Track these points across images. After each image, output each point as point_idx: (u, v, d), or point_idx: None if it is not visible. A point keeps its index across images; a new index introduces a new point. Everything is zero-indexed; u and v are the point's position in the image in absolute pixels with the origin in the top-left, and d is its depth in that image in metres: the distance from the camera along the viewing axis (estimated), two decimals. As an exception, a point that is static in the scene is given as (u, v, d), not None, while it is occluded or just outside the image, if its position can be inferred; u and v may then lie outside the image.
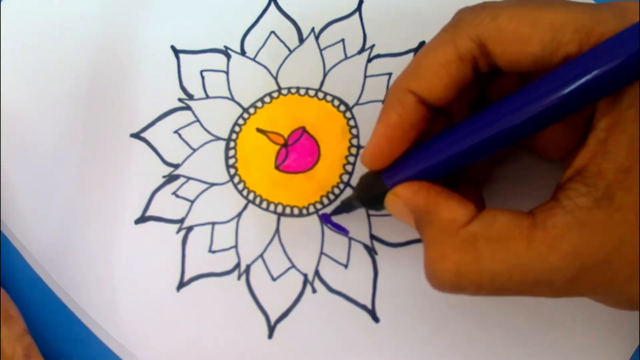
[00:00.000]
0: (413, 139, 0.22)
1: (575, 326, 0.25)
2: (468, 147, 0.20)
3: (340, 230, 0.27)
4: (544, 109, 0.19)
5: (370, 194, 0.23)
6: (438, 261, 0.20)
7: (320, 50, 0.29)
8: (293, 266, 0.26)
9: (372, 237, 0.26)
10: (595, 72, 0.18)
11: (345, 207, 0.25)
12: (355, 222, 0.27)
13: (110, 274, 0.27)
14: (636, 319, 0.24)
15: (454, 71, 0.20)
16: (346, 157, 0.28)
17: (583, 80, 0.18)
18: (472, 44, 0.20)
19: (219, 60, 0.30)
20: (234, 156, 0.28)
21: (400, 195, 0.21)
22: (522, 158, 0.26)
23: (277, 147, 0.28)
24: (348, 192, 0.27)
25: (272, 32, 0.30)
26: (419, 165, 0.21)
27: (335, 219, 0.27)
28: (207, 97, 0.29)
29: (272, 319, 0.26)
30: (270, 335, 0.25)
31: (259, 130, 0.28)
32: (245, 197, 0.27)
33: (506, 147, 0.20)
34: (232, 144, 0.28)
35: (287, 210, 0.27)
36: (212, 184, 0.28)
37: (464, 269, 0.19)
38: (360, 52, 0.29)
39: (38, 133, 0.29)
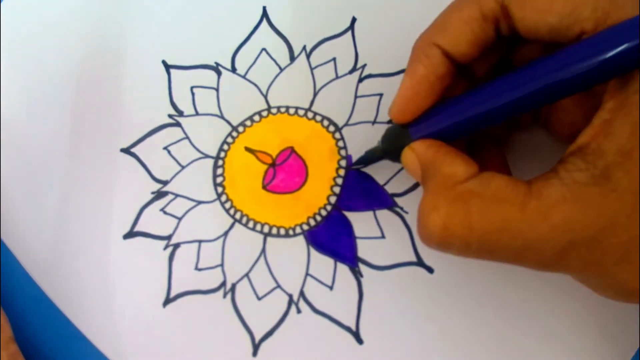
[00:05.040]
0: (439, 92, 0.22)
1: (575, 327, 0.25)
2: (488, 109, 0.21)
3: (328, 252, 0.27)
4: (558, 80, 0.19)
5: (396, 146, 0.23)
6: (429, 211, 0.20)
7: (311, 68, 0.29)
8: (278, 286, 0.26)
9: (358, 259, 0.26)
10: (607, 54, 0.18)
11: (370, 157, 0.26)
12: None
13: (99, 287, 0.27)
14: (636, 320, 0.25)
15: (477, 29, 0.21)
16: (334, 179, 0.28)
17: (596, 59, 0.19)
18: (495, 5, 0.21)
19: (210, 77, 0.29)
20: (222, 174, 0.28)
21: (415, 149, 0.22)
22: (535, 135, 0.26)
23: (265, 166, 0.28)
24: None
25: (264, 49, 0.30)
26: (443, 122, 0.22)
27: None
28: (197, 114, 0.29)
29: (257, 338, 0.26)
30: (254, 353, 0.26)
31: (247, 149, 0.28)
32: (232, 216, 0.28)
33: (523, 113, 0.21)
34: (220, 162, 0.28)
35: (274, 231, 0.27)
36: (199, 202, 0.28)
37: (452, 222, 0.20)
38: (351, 71, 0.29)
39: (30, 146, 0.29)
